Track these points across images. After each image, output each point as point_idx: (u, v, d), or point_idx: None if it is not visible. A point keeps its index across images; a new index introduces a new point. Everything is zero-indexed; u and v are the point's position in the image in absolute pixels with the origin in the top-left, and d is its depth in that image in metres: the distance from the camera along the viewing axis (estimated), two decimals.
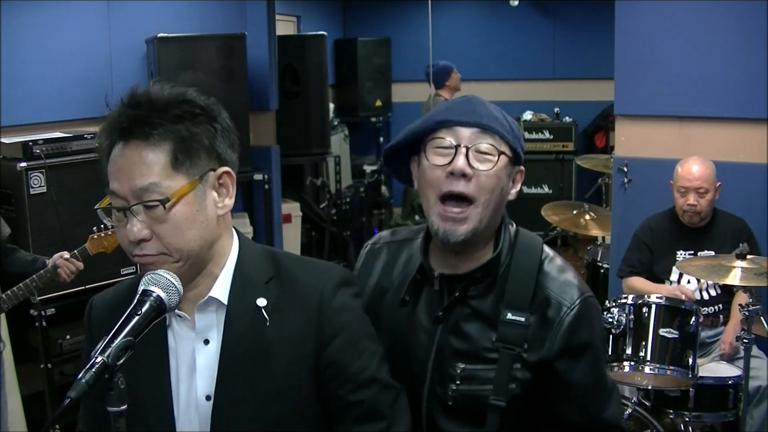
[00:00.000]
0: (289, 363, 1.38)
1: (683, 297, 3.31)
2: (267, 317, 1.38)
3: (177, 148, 1.31)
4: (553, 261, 1.65)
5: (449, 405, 1.60)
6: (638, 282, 3.62)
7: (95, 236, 3.17)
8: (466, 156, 1.54)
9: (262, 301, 1.39)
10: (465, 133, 1.56)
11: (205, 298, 1.38)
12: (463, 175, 1.54)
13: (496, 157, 1.56)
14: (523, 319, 1.56)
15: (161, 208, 1.29)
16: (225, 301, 1.39)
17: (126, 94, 1.36)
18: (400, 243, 1.79)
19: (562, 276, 1.62)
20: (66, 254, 3.13)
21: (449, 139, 1.56)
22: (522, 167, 1.66)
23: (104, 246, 3.19)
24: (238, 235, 1.46)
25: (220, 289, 1.39)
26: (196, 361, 1.38)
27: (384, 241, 1.83)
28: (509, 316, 1.57)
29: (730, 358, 3.40)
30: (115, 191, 1.31)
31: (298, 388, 1.38)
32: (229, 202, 1.40)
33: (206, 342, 1.39)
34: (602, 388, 1.64)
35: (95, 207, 1.39)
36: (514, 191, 1.64)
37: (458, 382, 1.59)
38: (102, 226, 3.16)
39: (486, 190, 1.55)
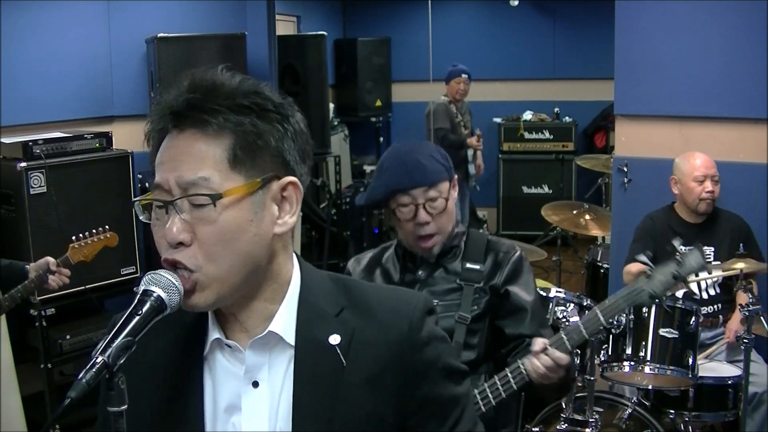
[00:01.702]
0: (369, 407, 1.17)
1: None
2: (343, 359, 1.17)
3: (238, 143, 1.11)
4: (498, 238, 2.37)
5: None
6: (635, 267, 3.61)
7: (75, 245, 3.10)
8: (424, 208, 2.17)
9: (335, 338, 1.18)
10: (417, 192, 2.17)
11: (264, 333, 1.17)
12: (427, 222, 2.18)
13: (446, 196, 2.19)
14: (478, 267, 2.24)
15: (210, 206, 1.10)
16: (290, 339, 1.17)
17: (186, 77, 1.16)
18: (381, 249, 2.42)
19: (505, 241, 2.34)
20: (52, 261, 3.00)
21: (407, 200, 2.18)
22: (455, 175, 2.24)
23: (84, 254, 3.12)
24: (298, 260, 1.25)
25: (282, 323, 1.18)
26: (241, 401, 1.17)
27: (366, 252, 2.44)
28: (468, 265, 2.25)
29: (734, 347, 3.39)
30: (160, 183, 1.12)
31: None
32: (291, 220, 1.18)
33: (255, 384, 1.17)
34: (542, 309, 2.38)
35: (134, 199, 1.17)
36: (455, 194, 2.24)
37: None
38: (81, 235, 3.11)
39: (444, 222, 2.21)
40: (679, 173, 3.64)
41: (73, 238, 3.12)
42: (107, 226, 3.21)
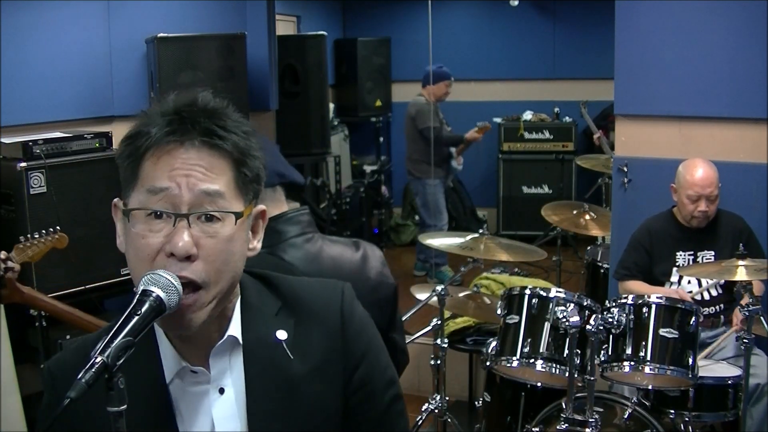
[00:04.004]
0: (317, 396, 1.24)
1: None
2: (290, 353, 1.23)
3: (240, 165, 1.16)
4: None
5: None
6: (635, 285, 3.61)
7: (21, 245, 2.99)
8: None
9: (282, 334, 1.24)
10: None
11: (224, 338, 1.22)
12: None
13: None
14: None
15: (222, 223, 1.13)
16: (240, 338, 1.23)
17: (186, 95, 1.18)
18: None
19: None
20: (3, 253, 2.88)
21: None
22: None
23: (29, 256, 3.03)
24: None
25: (235, 326, 1.23)
26: (212, 414, 1.21)
27: None
28: None
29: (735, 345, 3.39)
30: (167, 188, 1.12)
31: (329, 419, 1.25)
32: (259, 245, 1.25)
33: (221, 391, 1.22)
34: None
35: (138, 208, 1.13)
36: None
37: None
38: (29, 235, 3.02)
39: None
40: (677, 183, 3.61)
41: (21, 238, 3.02)
42: (58, 227, 3.13)
